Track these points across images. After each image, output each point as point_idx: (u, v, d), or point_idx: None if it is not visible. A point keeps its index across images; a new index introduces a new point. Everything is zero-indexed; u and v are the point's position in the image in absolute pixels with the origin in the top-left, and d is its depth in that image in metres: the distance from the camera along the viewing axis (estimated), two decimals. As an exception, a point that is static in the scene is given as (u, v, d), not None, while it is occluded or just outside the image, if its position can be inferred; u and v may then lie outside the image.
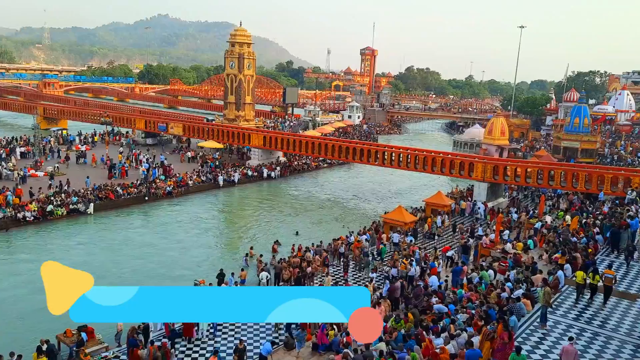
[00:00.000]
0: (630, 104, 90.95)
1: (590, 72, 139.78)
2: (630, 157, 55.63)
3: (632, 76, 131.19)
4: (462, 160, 40.87)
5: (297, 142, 50.46)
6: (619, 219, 24.84)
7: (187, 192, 43.01)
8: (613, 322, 15.99)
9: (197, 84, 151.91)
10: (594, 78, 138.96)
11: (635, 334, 15.22)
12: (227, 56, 60.72)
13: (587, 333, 15.17)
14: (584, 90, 75.89)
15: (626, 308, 17.05)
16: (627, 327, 15.71)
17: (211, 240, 32.54)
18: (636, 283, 19.06)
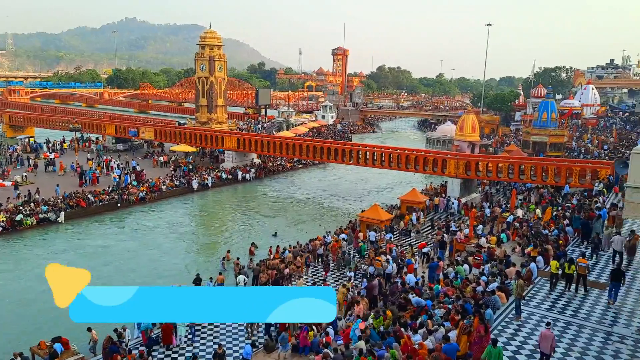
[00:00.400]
0: (595, 98, 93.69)
1: (556, 68, 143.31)
2: (597, 150, 57.15)
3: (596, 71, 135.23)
4: (435, 157, 41.39)
5: (271, 144, 50.32)
6: (587, 210, 25.54)
7: (160, 197, 42.43)
8: (584, 311, 16.42)
9: (168, 87, 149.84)
10: (560, 73, 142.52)
11: (605, 322, 15.67)
12: (198, 59, 60.16)
13: (560, 323, 15.55)
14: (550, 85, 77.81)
15: (596, 297, 17.54)
16: (597, 315, 16.16)
17: (188, 245, 32.19)
18: (605, 272, 19.61)
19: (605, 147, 58.74)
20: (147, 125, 63.00)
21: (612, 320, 15.74)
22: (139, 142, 63.20)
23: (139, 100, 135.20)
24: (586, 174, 36.03)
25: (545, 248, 21.73)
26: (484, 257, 22.74)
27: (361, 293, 20.25)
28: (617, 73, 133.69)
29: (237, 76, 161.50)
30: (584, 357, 13.62)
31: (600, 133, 71.77)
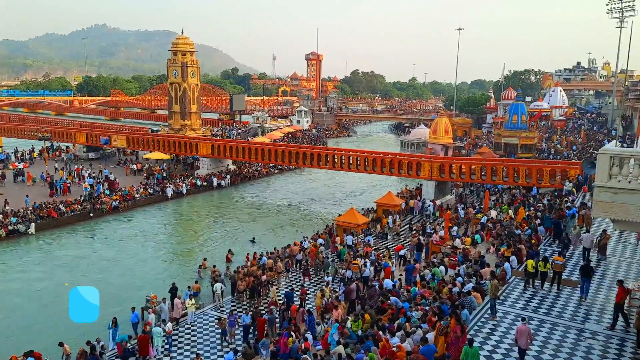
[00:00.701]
0: (563, 100, 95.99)
1: (525, 71, 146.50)
2: (566, 151, 58.58)
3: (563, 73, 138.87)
4: (409, 160, 41.80)
5: (246, 149, 50.08)
6: (558, 210, 26.13)
7: (134, 206, 41.76)
8: (557, 309, 16.77)
9: (140, 94, 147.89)
10: (529, 76, 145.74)
11: (577, 319, 16.03)
12: (170, 65, 59.57)
13: (534, 321, 15.83)
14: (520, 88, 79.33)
15: (568, 295, 17.93)
16: (570, 312, 16.51)
17: (163, 254, 31.71)
18: (576, 270, 20.06)
19: (574, 148, 60.26)
20: (119, 132, 62.00)
21: (584, 317, 16.11)
22: (111, 151, 62.16)
23: (110, 108, 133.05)
24: (556, 174, 36.88)
25: (519, 248, 22.15)
26: (459, 258, 23.05)
27: (339, 298, 20.27)
28: (583, 75, 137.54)
29: (211, 82, 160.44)
30: (558, 354, 13.89)
31: (569, 134, 73.61)
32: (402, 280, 21.78)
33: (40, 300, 24.28)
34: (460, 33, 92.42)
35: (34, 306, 23.62)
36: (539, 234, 24.62)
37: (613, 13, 76.83)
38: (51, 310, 22.72)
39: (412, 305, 17.83)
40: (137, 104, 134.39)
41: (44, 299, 24.30)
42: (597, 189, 11.22)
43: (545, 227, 25.22)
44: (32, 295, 24.80)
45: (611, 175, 11.09)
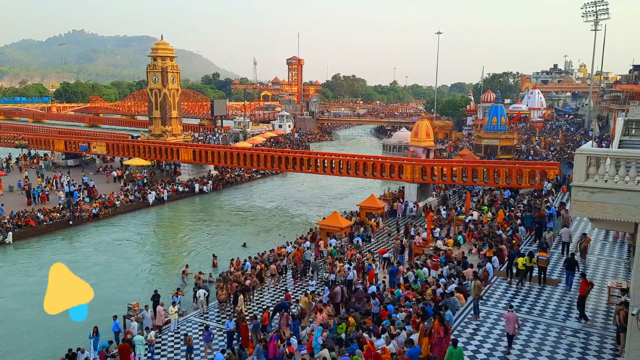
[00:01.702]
0: (541, 102, 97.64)
1: (504, 74, 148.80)
2: (545, 152, 59.56)
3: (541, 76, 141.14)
4: (392, 163, 42.01)
5: (228, 155, 49.82)
6: (538, 210, 26.51)
7: (114, 213, 41.22)
8: (539, 308, 16.99)
9: (120, 100, 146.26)
10: (507, 79, 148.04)
11: (558, 317, 16.26)
12: (150, 70, 59.06)
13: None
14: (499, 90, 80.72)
15: (549, 293, 18.19)
16: (551, 311, 16.75)
17: (145, 261, 31.30)
18: (556, 269, 20.38)
19: (553, 149, 61.30)
20: (99, 139, 61.23)
21: (565, 316, 16.35)
22: (90, 157, 61.34)
23: (89, 114, 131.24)
24: (535, 175, 37.42)
25: (500, 248, 22.39)
26: (441, 259, 23.21)
27: (323, 301, 20.24)
28: (560, 77, 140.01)
29: (191, 87, 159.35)
30: (540, 352, 14.06)
31: (548, 135, 74.86)
32: (386, 282, 21.84)
33: (19, 309, 23.76)
34: (439, 37, 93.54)
35: (12, 315, 23.11)
36: (519, 233, 24.93)
37: (588, 17, 78.57)
38: (30, 320, 22.25)
39: (396, 307, 17.89)
40: (116, 110, 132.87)
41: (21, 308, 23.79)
42: (575, 188, 11.39)
43: (526, 226, 25.54)
44: (7, 305, 24.28)
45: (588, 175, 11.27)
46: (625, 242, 22.74)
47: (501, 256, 21.85)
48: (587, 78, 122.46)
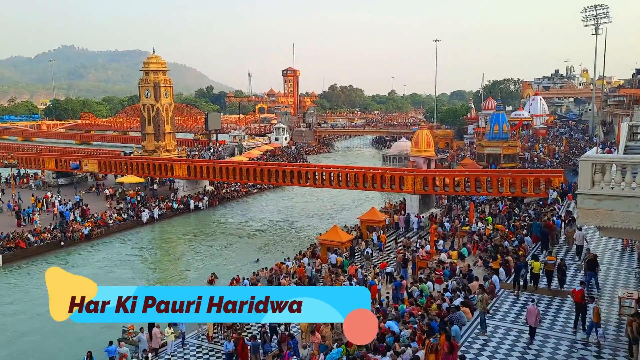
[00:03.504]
0: (543, 108, 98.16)
1: (504, 80, 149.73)
2: (549, 159, 59.71)
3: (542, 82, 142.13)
4: (392, 175, 42.06)
5: (224, 169, 49.85)
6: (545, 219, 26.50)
7: (107, 232, 41.11)
8: (548, 321, 16.90)
9: (111, 116, 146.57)
10: (508, 86, 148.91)
11: (568, 330, 16.17)
12: (142, 85, 59.30)
13: (525, 334, 15.92)
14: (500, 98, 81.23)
15: (558, 306, 18.11)
16: (560, 324, 16.66)
17: (140, 281, 31.14)
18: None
19: (557, 156, 61.47)
20: (90, 157, 61.18)
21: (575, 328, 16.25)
22: (82, 176, 61.29)
23: (80, 131, 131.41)
24: (540, 183, 37.48)
25: (506, 260, 22.33)
26: (445, 272, 23.13)
27: (325, 319, 20.09)
28: (562, 83, 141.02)
29: (185, 101, 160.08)
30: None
31: (551, 142, 75.11)
32: (390, 298, 21.73)
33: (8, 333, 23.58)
34: (437, 44, 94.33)
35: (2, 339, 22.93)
36: (525, 244, 24.88)
37: (588, 20, 79.27)
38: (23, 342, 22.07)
39: (400, 324, 17.78)
40: (108, 127, 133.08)
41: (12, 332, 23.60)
42: (581, 196, 11.42)
43: (534, 235, 25.49)
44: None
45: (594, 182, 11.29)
46: (635, 250, 22.72)
47: (508, 268, 21.79)
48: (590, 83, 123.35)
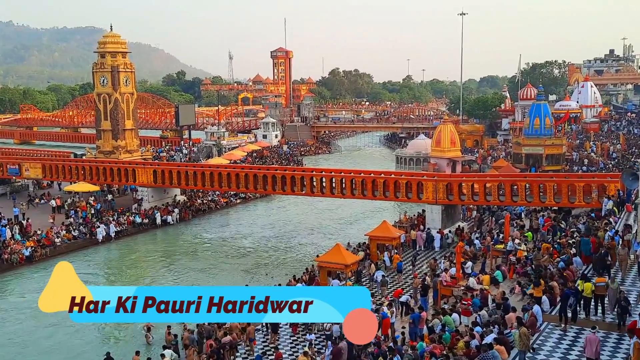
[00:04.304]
0: (595, 98, 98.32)
1: (546, 63, 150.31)
2: (603, 160, 59.78)
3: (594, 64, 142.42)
4: (408, 180, 42.12)
5: (199, 175, 49.87)
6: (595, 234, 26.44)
7: (54, 253, 41.09)
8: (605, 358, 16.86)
9: (59, 109, 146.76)
10: (551, 69, 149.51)
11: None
12: (97, 70, 59.41)
13: (575, 378, 15.90)
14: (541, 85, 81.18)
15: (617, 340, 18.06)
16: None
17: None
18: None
19: (613, 156, 61.58)
20: (33, 160, 61.12)
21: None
22: (22, 183, 61.21)
23: (20, 128, 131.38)
24: (592, 190, 37.53)
25: (550, 286, 22.31)
26: (474, 302, 23.12)
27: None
28: (618, 66, 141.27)
29: (151, 90, 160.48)
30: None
31: (605, 139, 75.22)
32: (406, 333, 21.73)
33: None
34: (463, 19, 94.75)
35: None
36: (573, 266, 24.86)
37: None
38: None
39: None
40: (55, 122, 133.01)
41: None
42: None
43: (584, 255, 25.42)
44: None
45: (658, 189, 11.33)
46: None
47: (552, 296, 21.78)
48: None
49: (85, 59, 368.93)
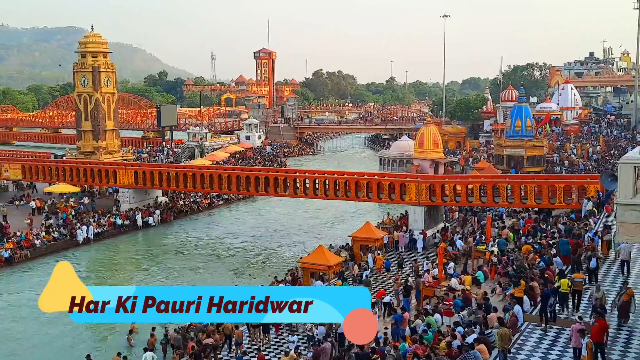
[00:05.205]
0: (575, 100, 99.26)
1: (528, 66, 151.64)
2: (583, 162, 60.42)
3: (574, 67, 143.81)
4: (391, 181, 42.26)
5: (181, 176, 49.64)
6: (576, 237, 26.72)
7: (34, 255, 40.75)
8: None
9: (39, 109, 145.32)
10: (532, 72, 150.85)
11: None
12: (77, 70, 58.98)
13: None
14: (522, 87, 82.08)
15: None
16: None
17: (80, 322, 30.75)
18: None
19: (594, 158, 62.29)
20: (12, 160, 60.61)
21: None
22: (1, 184, 60.63)
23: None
24: (572, 191, 37.93)
25: (531, 286, 22.48)
26: (456, 302, 23.24)
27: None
28: (598, 69, 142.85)
29: (132, 90, 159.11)
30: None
31: (585, 141, 76.08)
32: (388, 334, 21.77)
33: None
34: (446, 21, 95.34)
35: None
36: (554, 266, 25.07)
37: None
38: None
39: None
40: (35, 123, 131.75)
41: None
42: (621, 207, 11.59)
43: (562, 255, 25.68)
44: None
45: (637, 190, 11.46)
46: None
47: (532, 296, 21.95)
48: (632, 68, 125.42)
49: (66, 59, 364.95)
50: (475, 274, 27.92)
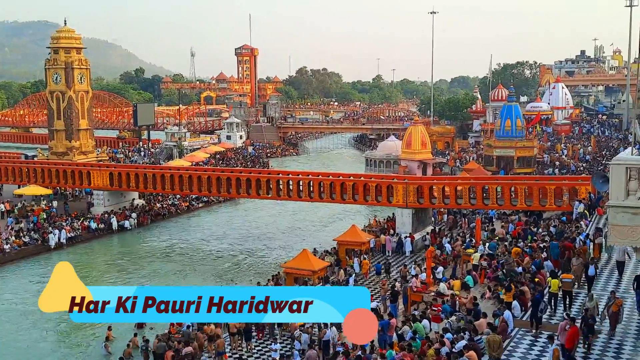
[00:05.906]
0: (566, 99, 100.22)
1: (518, 64, 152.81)
2: (574, 163, 60.93)
3: (565, 65, 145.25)
4: (378, 183, 42.33)
5: (158, 177, 49.39)
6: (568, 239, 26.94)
7: (3, 261, 40.37)
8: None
9: (9, 108, 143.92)
10: (522, 70, 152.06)
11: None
12: (50, 67, 58.56)
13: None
14: (512, 85, 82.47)
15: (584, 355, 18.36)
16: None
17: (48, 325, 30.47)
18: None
19: (587, 159, 62.84)
20: (-20, 161, 59.87)
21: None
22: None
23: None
24: (563, 193, 38.25)
25: (521, 291, 22.63)
26: (444, 307, 23.33)
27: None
28: (589, 67, 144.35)
29: (107, 88, 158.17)
30: None
31: (576, 142, 76.76)
32: (375, 341, 21.79)
33: None
34: (434, 17, 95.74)
35: None
36: (544, 270, 25.25)
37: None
38: None
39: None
40: (4, 122, 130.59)
41: None
42: (613, 209, 11.68)
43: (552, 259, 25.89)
44: None
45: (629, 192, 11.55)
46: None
47: (523, 301, 22.09)
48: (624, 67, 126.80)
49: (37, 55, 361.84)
50: (464, 279, 28.05)
